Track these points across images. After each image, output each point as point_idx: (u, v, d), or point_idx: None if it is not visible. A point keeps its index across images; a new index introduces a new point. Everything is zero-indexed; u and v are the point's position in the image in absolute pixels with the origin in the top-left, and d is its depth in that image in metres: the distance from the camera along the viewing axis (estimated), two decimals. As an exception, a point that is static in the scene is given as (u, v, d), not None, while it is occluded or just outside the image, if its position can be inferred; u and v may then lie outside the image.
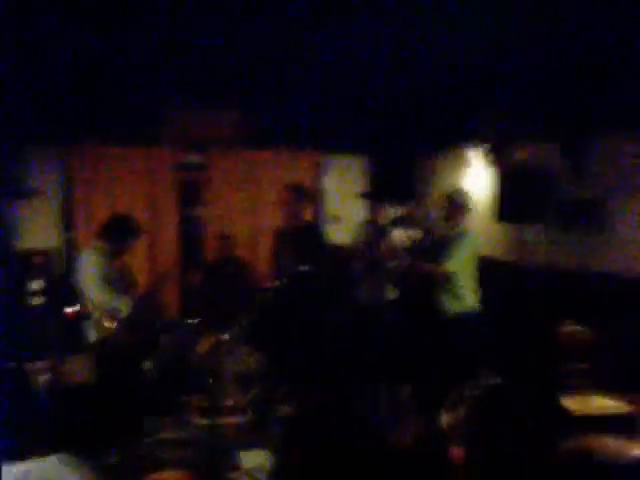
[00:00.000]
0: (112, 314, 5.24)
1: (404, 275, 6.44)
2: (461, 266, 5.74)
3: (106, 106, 7.06)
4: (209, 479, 4.45)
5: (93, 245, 5.51)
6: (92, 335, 5.42)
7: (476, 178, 7.02)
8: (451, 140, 7.30)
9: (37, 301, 6.56)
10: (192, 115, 7.63)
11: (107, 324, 5.26)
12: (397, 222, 7.42)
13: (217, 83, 6.82)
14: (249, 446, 5.03)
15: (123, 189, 7.59)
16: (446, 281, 5.73)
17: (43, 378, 5.65)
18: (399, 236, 7.06)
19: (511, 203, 6.36)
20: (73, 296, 6.93)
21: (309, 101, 7.34)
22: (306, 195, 6.09)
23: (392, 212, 7.83)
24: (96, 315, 5.27)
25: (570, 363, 4.79)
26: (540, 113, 5.80)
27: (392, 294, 6.66)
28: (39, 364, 5.69)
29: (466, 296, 5.79)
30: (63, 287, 7.18)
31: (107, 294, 5.30)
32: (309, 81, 6.72)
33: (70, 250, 7.61)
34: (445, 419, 1.84)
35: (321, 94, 7.19)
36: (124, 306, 5.32)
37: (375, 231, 6.61)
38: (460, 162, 7.33)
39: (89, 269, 5.34)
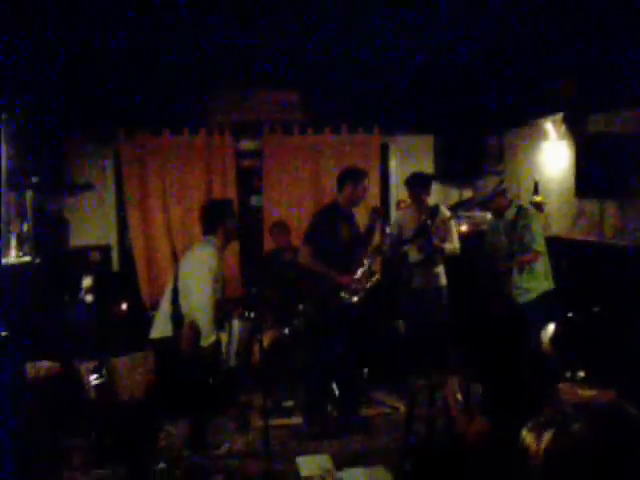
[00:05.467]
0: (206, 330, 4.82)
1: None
2: (544, 244, 5.49)
3: (156, 94, 6.88)
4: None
5: (206, 239, 5.03)
6: (155, 332, 5.01)
7: (550, 152, 6.52)
8: (521, 113, 6.79)
9: (90, 298, 6.36)
10: (246, 99, 7.30)
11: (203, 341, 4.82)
12: (463, 205, 7.01)
13: (273, 64, 6.55)
14: (308, 451, 4.75)
15: (177, 180, 7.28)
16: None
17: (95, 377, 5.48)
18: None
19: (589, 177, 5.84)
20: (125, 293, 6.84)
21: (372, 78, 6.98)
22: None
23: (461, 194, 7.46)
24: (190, 318, 4.82)
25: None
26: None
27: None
28: (91, 363, 5.53)
29: (542, 277, 5.49)
30: (116, 283, 7.06)
31: (212, 305, 4.82)
32: (370, 59, 6.43)
33: (124, 246, 7.44)
34: (528, 438, 1.39)
35: (383, 72, 6.85)
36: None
37: (435, 215, 6.18)
38: (532, 136, 6.82)
39: (205, 267, 4.81)
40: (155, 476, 4.44)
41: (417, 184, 6.28)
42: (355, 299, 5.38)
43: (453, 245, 6.25)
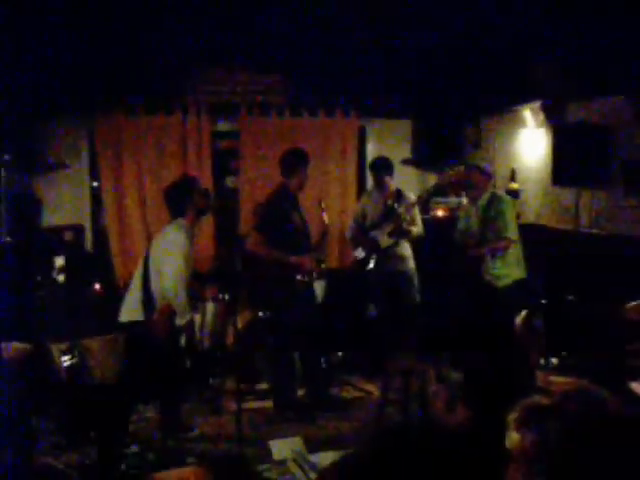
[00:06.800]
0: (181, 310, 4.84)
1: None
2: (517, 232, 5.57)
3: (132, 73, 6.77)
4: (236, 473, 4.11)
5: (176, 221, 5.00)
6: (125, 316, 5.02)
7: (528, 139, 6.53)
8: (499, 100, 6.78)
9: (62, 278, 6.28)
10: (223, 79, 7.22)
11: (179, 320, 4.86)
12: (438, 189, 7.04)
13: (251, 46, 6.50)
14: (280, 435, 4.72)
15: (152, 160, 7.16)
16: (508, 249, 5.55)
17: (67, 358, 5.41)
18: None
19: (566, 165, 5.85)
20: (98, 274, 6.76)
21: (350, 63, 6.98)
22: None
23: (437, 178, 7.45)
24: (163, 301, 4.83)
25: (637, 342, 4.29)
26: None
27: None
28: (63, 344, 5.46)
29: (515, 264, 5.57)
30: (89, 263, 6.97)
31: (185, 286, 4.85)
32: (350, 41, 6.41)
33: (98, 226, 7.34)
34: (512, 439, 1.38)
35: (363, 55, 6.86)
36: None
37: (400, 199, 6.24)
38: (510, 123, 6.82)
39: (176, 248, 4.82)
40: (127, 459, 4.42)
41: (381, 168, 6.33)
42: (312, 280, 5.41)
43: (418, 229, 6.28)
